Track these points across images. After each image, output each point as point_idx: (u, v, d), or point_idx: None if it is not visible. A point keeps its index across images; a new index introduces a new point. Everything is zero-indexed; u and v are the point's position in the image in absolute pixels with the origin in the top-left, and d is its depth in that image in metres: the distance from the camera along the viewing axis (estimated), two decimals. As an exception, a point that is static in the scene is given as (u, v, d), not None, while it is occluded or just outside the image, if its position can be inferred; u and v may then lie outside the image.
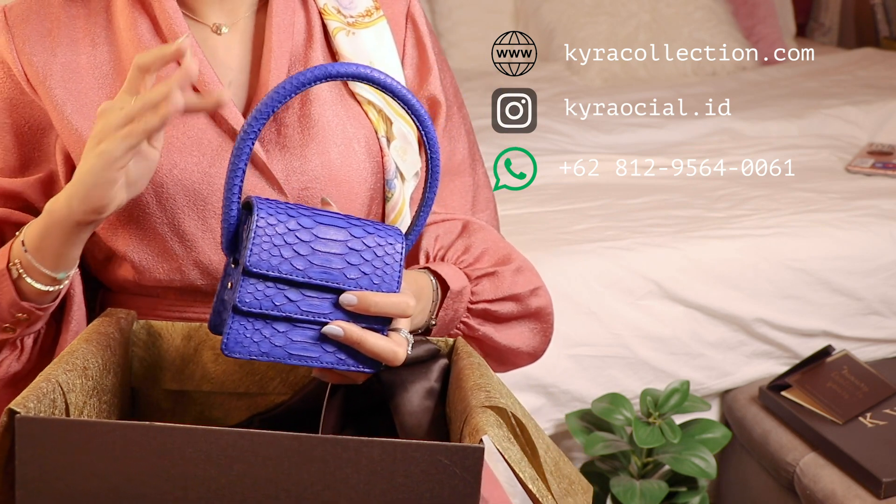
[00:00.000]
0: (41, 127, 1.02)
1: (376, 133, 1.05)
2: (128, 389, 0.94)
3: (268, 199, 0.83)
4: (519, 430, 0.83)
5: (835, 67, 3.25)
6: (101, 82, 1.00)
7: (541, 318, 1.12)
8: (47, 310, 0.97)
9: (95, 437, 0.71)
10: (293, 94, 0.81)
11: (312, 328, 0.83)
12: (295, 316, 0.82)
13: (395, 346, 0.85)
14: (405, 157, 1.06)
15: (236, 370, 0.95)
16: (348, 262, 0.83)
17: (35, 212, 1.04)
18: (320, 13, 1.07)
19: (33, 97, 1.00)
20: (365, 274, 0.83)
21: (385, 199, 1.06)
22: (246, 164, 0.81)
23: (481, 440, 0.75)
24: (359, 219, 0.85)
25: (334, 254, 0.82)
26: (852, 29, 3.99)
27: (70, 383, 0.80)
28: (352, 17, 1.07)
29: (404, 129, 1.06)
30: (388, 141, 1.06)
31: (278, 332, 0.82)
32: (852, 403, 1.82)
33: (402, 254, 0.85)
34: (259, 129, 0.81)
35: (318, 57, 1.05)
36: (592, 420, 1.84)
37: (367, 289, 0.83)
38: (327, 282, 0.82)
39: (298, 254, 0.81)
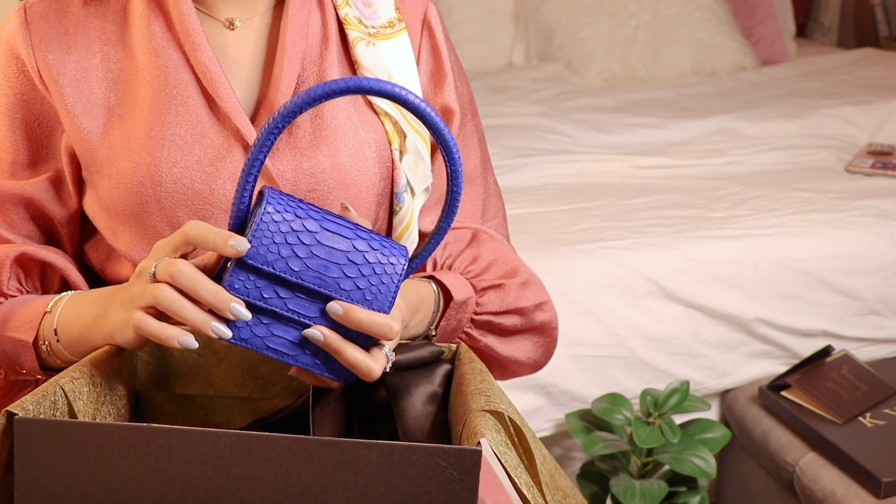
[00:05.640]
0: (50, 124, 1.02)
1: (390, 144, 1.04)
2: (133, 394, 0.94)
3: (281, 192, 0.82)
4: (517, 438, 0.82)
5: (835, 67, 3.25)
6: (111, 83, 1.00)
7: (544, 333, 1.12)
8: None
9: (93, 438, 0.71)
10: (324, 100, 0.79)
11: (295, 328, 0.82)
12: (280, 312, 0.82)
13: (372, 363, 0.83)
14: (416, 172, 1.05)
15: (240, 374, 0.94)
16: (344, 273, 0.82)
17: (46, 217, 1.04)
18: (339, 21, 1.07)
19: (45, 94, 1.01)
20: (359, 288, 0.82)
21: (393, 213, 1.05)
22: (267, 153, 0.80)
23: (479, 443, 0.74)
24: (368, 231, 0.84)
25: (332, 262, 0.81)
26: (852, 29, 3.99)
27: (76, 391, 0.80)
28: (373, 27, 1.07)
29: (418, 143, 1.06)
30: (401, 154, 1.05)
31: (261, 322, 0.82)
32: (852, 403, 1.82)
33: (400, 276, 0.84)
34: (285, 125, 0.79)
35: (334, 60, 1.05)
36: (592, 420, 1.84)
37: (358, 302, 0.82)
38: (319, 287, 0.81)
39: (296, 255, 0.81)
